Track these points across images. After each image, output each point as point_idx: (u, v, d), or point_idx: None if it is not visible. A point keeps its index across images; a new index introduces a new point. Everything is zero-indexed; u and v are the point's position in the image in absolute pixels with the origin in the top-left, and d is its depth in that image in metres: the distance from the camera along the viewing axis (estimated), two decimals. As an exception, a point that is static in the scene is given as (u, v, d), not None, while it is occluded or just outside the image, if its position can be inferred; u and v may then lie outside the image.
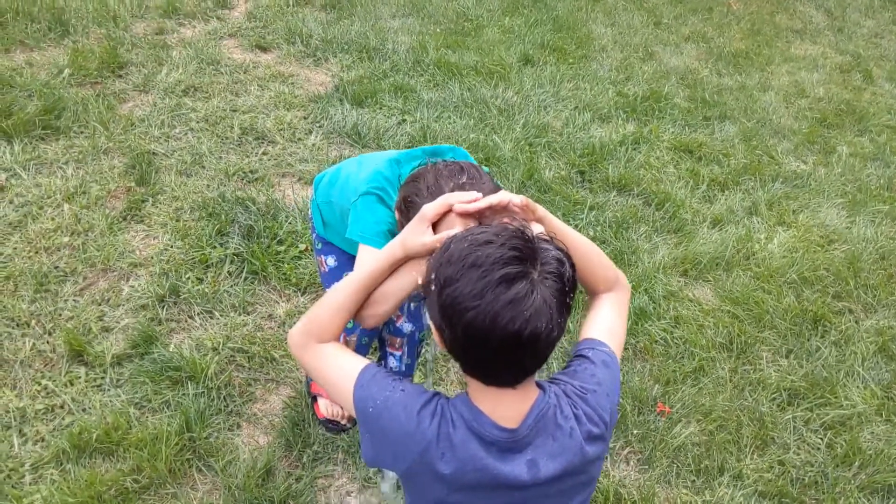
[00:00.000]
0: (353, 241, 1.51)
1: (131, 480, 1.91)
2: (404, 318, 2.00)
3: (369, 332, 1.98)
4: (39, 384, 2.13)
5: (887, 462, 2.29)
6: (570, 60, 4.51)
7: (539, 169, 3.40)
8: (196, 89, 3.59)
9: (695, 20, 5.61)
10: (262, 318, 2.48)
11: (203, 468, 1.99)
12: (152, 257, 2.60)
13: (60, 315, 2.34)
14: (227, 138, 3.28)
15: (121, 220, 2.74)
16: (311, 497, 1.99)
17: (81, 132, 3.15)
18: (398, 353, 2.07)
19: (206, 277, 2.56)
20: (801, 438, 2.36)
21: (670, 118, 4.11)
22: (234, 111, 3.47)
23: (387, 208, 1.51)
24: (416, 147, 1.64)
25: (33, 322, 2.31)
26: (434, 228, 1.21)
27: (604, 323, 1.25)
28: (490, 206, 1.20)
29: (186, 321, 2.42)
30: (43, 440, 2.00)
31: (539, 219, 1.24)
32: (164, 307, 2.43)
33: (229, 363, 2.29)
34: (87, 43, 3.81)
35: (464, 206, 1.20)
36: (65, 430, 2.01)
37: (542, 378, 1.13)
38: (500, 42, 4.58)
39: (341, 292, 1.22)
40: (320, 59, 4.08)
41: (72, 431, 1.99)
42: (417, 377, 2.32)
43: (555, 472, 1.06)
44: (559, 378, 1.14)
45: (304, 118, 3.53)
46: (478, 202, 1.21)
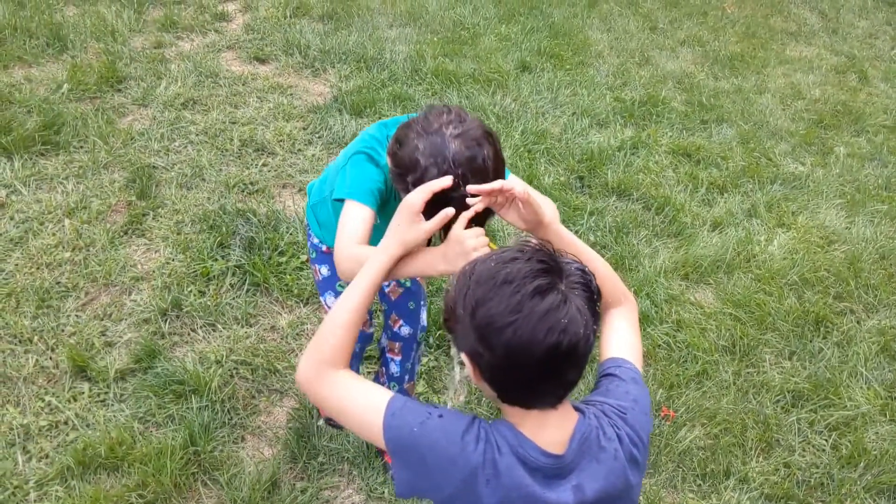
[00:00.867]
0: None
1: (136, 496, 1.91)
2: (401, 322, 2.00)
3: (361, 339, 1.99)
4: (43, 401, 2.13)
5: (893, 462, 2.29)
6: (567, 67, 4.53)
7: (538, 175, 3.41)
8: (195, 102, 3.60)
9: (690, 24, 5.63)
10: (265, 329, 2.48)
11: (208, 482, 1.99)
12: (154, 271, 2.61)
13: (63, 331, 2.35)
14: (226, 150, 3.29)
15: (122, 234, 2.75)
16: (317, 509, 1.99)
17: (81, 147, 3.15)
18: (398, 359, 2.07)
19: (208, 290, 2.57)
20: (806, 440, 2.36)
21: (668, 122, 4.12)
22: (234, 123, 3.48)
23: (376, 167, 1.49)
24: None
25: (36, 338, 2.31)
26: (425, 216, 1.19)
27: (622, 340, 1.25)
28: (495, 191, 1.21)
29: (189, 334, 2.42)
30: (47, 457, 2.00)
31: (548, 227, 1.25)
32: (166, 321, 2.43)
33: (233, 376, 2.29)
34: (86, 58, 3.82)
35: (477, 188, 1.21)
36: (69, 447, 2.01)
37: (575, 401, 1.12)
38: (497, 50, 4.60)
39: (345, 307, 1.16)
40: (318, 70, 4.09)
41: (76, 448, 1.99)
42: (421, 386, 2.32)
43: (598, 496, 1.04)
44: (594, 399, 1.13)
45: (304, 129, 3.54)
46: (486, 185, 1.21)
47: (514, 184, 1.23)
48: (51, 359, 2.25)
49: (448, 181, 1.25)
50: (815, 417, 2.43)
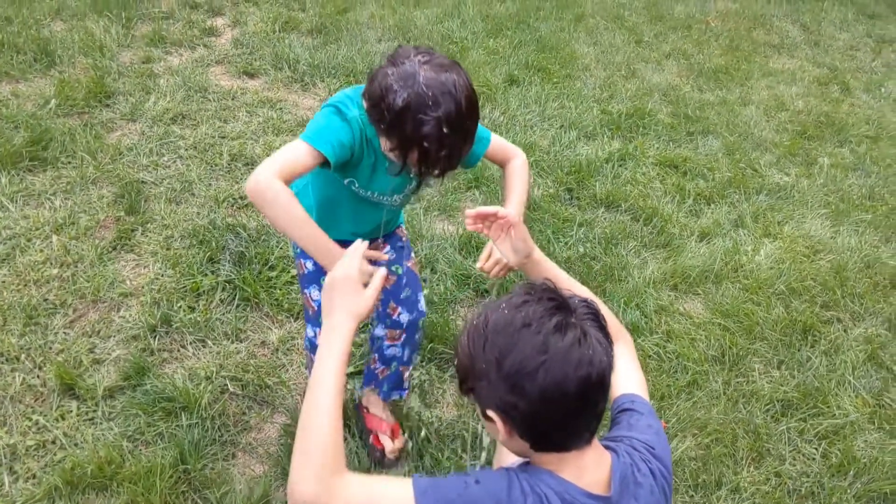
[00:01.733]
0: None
1: (126, 514, 1.89)
2: (400, 310, 2.00)
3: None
4: (30, 420, 2.11)
5: (882, 470, 2.31)
6: (555, 80, 4.56)
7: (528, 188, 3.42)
8: (184, 117, 3.60)
9: (674, 38, 5.69)
10: (255, 345, 2.47)
11: (199, 500, 1.97)
12: (143, 287, 2.59)
13: (51, 348, 2.33)
14: (216, 165, 3.29)
15: (110, 250, 2.73)
16: (309, 525, 1.97)
17: (69, 163, 3.14)
18: (399, 342, 2.05)
19: (198, 306, 2.56)
20: (797, 449, 2.38)
21: (654, 134, 4.16)
22: (223, 138, 3.48)
23: (343, 120, 1.50)
24: None
25: (23, 356, 2.29)
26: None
27: (629, 376, 1.26)
28: (490, 214, 1.30)
29: (179, 350, 2.40)
30: (34, 477, 1.97)
31: (538, 263, 1.30)
32: (155, 337, 2.41)
33: (223, 392, 2.28)
34: (74, 73, 3.81)
35: (473, 211, 1.29)
36: (57, 466, 1.98)
37: (601, 439, 1.14)
38: (485, 63, 4.63)
39: (323, 401, 1.07)
40: (308, 84, 4.11)
41: (64, 467, 1.96)
42: (413, 400, 2.31)
43: None
44: (620, 436, 1.14)
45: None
46: (482, 209, 1.32)
47: (510, 211, 1.28)
48: (38, 377, 2.23)
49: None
50: (804, 426, 2.44)
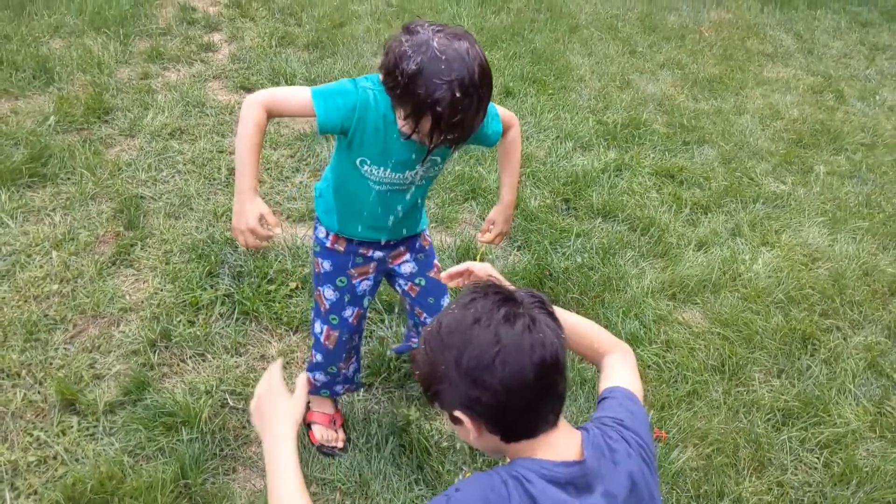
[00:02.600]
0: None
1: (127, 530, 1.89)
2: (425, 315, 2.05)
3: (349, 330, 2.01)
4: (31, 435, 2.10)
5: (884, 479, 2.31)
6: (550, 91, 4.59)
7: (525, 198, 3.44)
8: (182, 132, 3.61)
9: (668, 48, 5.73)
10: (255, 358, 2.47)
11: (200, 515, 1.97)
12: (142, 301, 2.60)
13: (51, 364, 2.32)
14: (214, 179, 3.30)
15: (110, 265, 2.74)
16: (311, 539, 1.96)
17: (68, 179, 3.15)
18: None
19: (198, 320, 2.56)
20: (798, 458, 2.38)
21: (650, 144, 4.18)
22: (221, 152, 3.50)
23: (354, 88, 1.58)
24: None
25: (24, 372, 2.28)
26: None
27: (617, 375, 1.29)
28: (464, 272, 1.42)
29: (179, 365, 2.40)
30: (36, 493, 1.97)
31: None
32: (155, 352, 2.41)
33: (223, 406, 2.28)
34: (73, 90, 3.83)
35: (445, 273, 1.43)
36: (58, 482, 1.98)
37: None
38: (480, 75, 4.65)
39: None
40: (304, 98, 4.12)
41: (65, 483, 1.96)
42: (413, 412, 2.31)
43: (627, 495, 1.07)
44: (591, 418, 1.18)
45: (291, 156, 3.55)
46: (453, 269, 1.44)
47: (479, 267, 1.39)
48: (39, 393, 2.23)
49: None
50: (805, 435, 2.45)
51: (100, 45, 4.28)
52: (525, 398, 1.04)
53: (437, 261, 2.07)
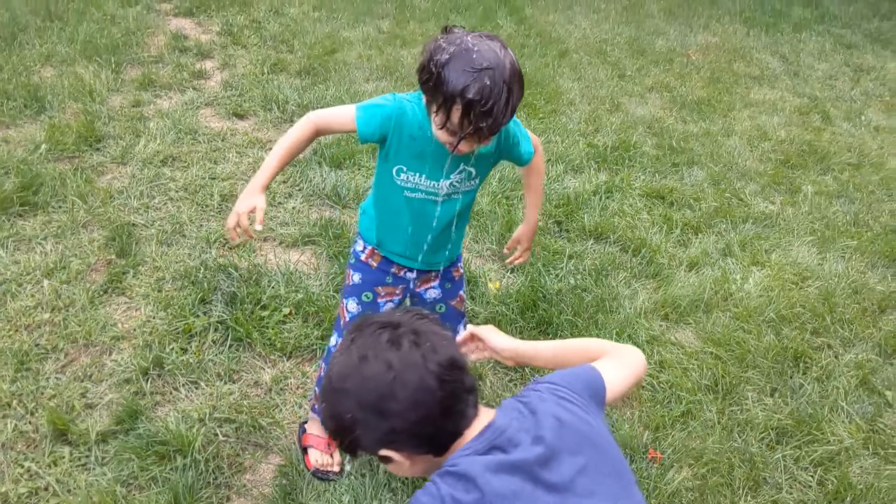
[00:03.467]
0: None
1: (120, 562, 1.86)
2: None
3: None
4: (22, 466, 2.08)
5: (878, 496, 2.31)
6: (541, 115, 4.64)
7: (517, 221, 3.46)
8: (174, 159, 3.63)
9: (657, 71, 5.81)
10: (248, 385, 2.46)
11: (193, 544, 1.94)
12: (135, 329, 2.59)
13: (43, 394, 2.31)
14: (207, 206, 3.31)
15: (102, 293, 2.73)
16: (306, 568, 1.95)
17: (60, 207, 3.15)
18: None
19: (190, 347, 2.55)
20: (793, 477, 2.37)
21: (640, 166, 4.22)
22: (214, 179, 3.51)
23: (392, 101, 1.67)
24: None
25: (15, 402, 2.27)
26: None
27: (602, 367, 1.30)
28: (473, 337, 1.42)
29: (171, 393, 2.39)
30: (26, 525, 1.95)
31: (524, 354, 1.38)
32: (148, 380, 2.40)
33: (216, 434, 2.26)
34: (64, 118, 3.84)
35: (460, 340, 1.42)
36: (49, 514, 1.96)
37: None
38: (471, 100, 4.69)
39: None
40: (296, 124, 4.14)
41: (57, 514, 1.94)
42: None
43: (554, 429, 1.08)
44: None
45: (284, 182, 3.57)
46: (459, 337, 1.41)
47: (484, 334, 1.41)
48: (30, 423, 2.21)
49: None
50: (799, 454, 2.45)
51: (91, 74, 4.31)
52: (437, 406, 1.05)
53: (462, 292, 2.10)
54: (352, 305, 1.98)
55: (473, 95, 1.43)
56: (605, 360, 1.31)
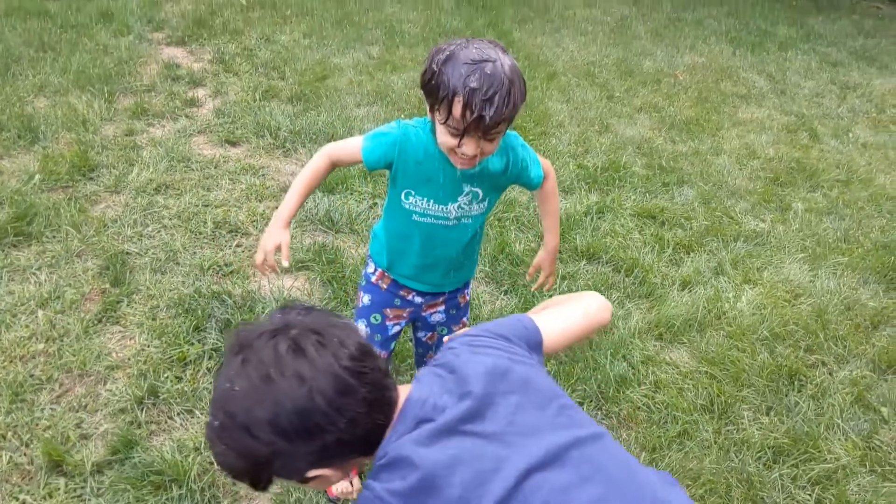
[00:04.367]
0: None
1: None
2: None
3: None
4: (17, 499, 2.06)
5: (876, 514, 2.31)
6: (531, 137, 4.68)
7: (510, 242, 3.48)
8: (168, 187, 3.64)
9: (645, 92, 5.88)
10: (244, 412, 2.45)
11: (190, 576, 1.93)
12: (129, 358, 2.58)
13: (37, 425, 2.29)
14: (200, 233, 3.31)
15: (96, 322, 2.72)
16: None
17: (54, 237, 3.15)
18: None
19: (185, 375, 2.54)
20: (791, 496, 2.37)
21: (631, 186, 4.25)
22: (207, 206, 3.52)
23: (396, 129, 1.72)
24: None
25: (9, 434, 2.25)
26: None
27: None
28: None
29: (167, 422, 2.38)
30: (21, 560, 1.93)
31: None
32: (143, 409, 2.39)
33: (212, 463, 2.25)
34: (58, 148, 3.86)
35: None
36: (44, 547, 1.94)
37: None
38: (462, 123, 4.73)
39: None
40: (290, 150, 4.18)
41: (51, 548, 1.92)
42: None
43: (485, 381, 1.05)
44: None
45: (277, 208, 3.57)
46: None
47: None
48: (25, 454, 2.19)
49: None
50: (797, 472, 2.45)
51: (84, 103, 4.33)
52: (363, 404, 0.97)
53: (466, 318, 2.12)
54: (360, 328, 2.00)
55: (474, 83, 1.45)
56: (547, 310, 1.36)
